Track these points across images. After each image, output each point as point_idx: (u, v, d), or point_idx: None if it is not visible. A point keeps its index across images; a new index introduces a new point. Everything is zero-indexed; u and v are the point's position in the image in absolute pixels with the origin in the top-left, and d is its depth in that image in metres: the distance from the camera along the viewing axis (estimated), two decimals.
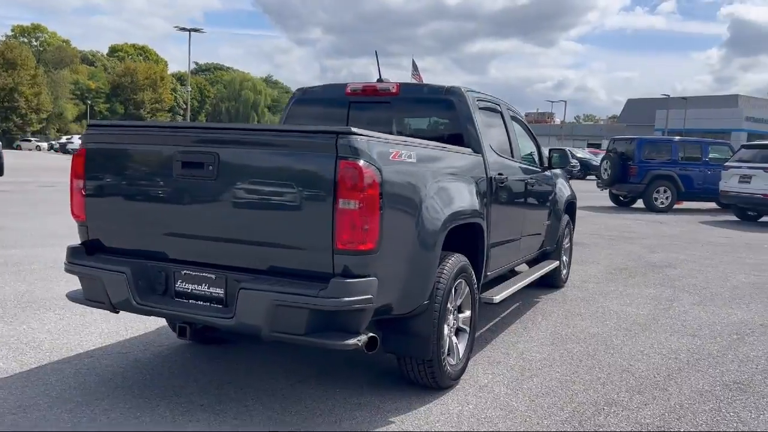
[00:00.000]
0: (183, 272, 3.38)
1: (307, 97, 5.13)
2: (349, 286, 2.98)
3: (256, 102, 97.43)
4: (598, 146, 55.91)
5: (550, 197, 6.29)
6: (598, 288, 7.15)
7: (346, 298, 2.97)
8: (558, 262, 6.65)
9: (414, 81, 8.72)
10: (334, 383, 3.95)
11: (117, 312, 3.60)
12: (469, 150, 4.36)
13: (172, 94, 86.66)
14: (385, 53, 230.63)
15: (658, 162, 16.75)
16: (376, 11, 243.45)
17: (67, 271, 3.65)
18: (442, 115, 4.69)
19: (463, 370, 4.05)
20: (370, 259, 3.05)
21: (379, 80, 5.00)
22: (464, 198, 3.97)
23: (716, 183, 15.86)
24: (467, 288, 4.03)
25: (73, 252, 3.63)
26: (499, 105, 5.26)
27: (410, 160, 3.43)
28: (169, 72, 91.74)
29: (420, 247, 3.45)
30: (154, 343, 4.63)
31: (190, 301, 3.38)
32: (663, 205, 16.72)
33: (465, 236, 4.08)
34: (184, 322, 3.36)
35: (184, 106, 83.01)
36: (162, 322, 5.02)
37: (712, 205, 17.94)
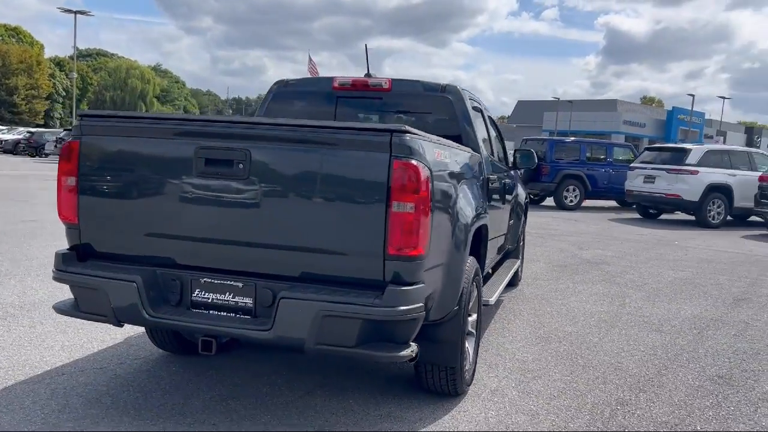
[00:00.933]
0: (202, 280, 3.07)
1: (288, 90, 4.85)
2: (405, 294, 2.80)
3: (144, 91, 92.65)
4: None
5: (516, 197, 6.34)
6: (550, 286, 7.30)
7: (403, 307, 2.79)
8: (519, 260, 6.73)
9: (309, 74, 8.44)
10: (343, 394, 3.75)
11: (121, 326, 3.22)
12: (471, 150, 4.27)
13: (50, 80, 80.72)
14: (278, 46, 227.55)
15: (567, 162, 17.52)
16: (271, 2, 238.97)
17: (57, 279, 3.23)
18: (439, 113, 4.56)
19: (473, 375, 3.97)
20: (420, 264, 2.89)
21: (367, 75, 4.80)
22: (478, 199, 3.88)
23: (620, 183, 16.80)
24: (476, 291, 3.95)
25: (64, 258, 3.20)
26: (480, 104, 5.22)
27: (447, 161, 3.29)
28: (46, 56, 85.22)
29: (455, 250, 3.32)
30: (129, 356, 4.22)
31: (211, 311, 3.07)
32: (572, 203, 17.50)
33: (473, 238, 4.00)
34: (208, 335, 3.03)
35: (64, 94, 77.78)
36: (130, 331, 4.61)
37: (612, 203, 19.00)
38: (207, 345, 3.02)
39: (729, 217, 14.93)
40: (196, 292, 3.08)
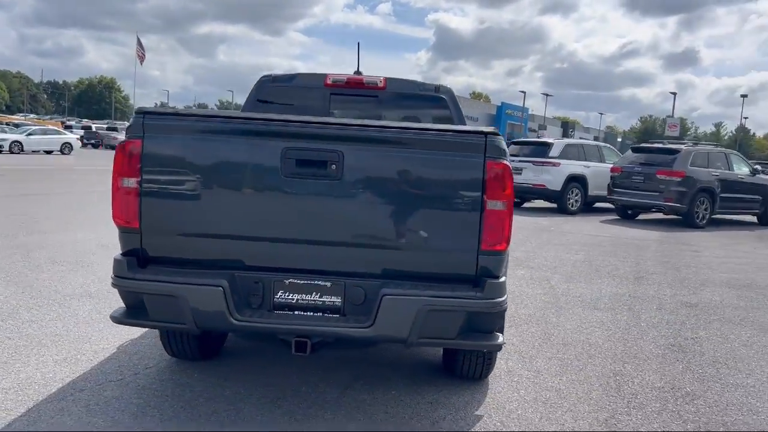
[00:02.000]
0: (287, 282, 3.04)
1: (277, 86, 4.79)
2: (501, 287, 3.01)
3: None
4: None
5: None
6: None
7: (500, 299, 2.99)
8: None
9: (138, 58, 8.26)
10: (381, 386, 3.86)
11: (199, 332, 3.09)
12: None
13: None
14: (97, 26, 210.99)
15: None
16: None
17: (120, 287, 3.03)
18: (434, 113, 4.76)
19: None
20: (504, 258, 3.10)
21: (357, 73, 4.88)
22: None
23: None
24: None
25: (128, 265, 3.01)
26: None
27: None
28: None
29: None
30: (138, 366, 3.98)
31: (296, 312, 3.06)
32: None
33: None
34: (302, 336, 3.00)
35: None
36: (117, 341, 4.34)
37: None
38: (301, 346, 3.00)
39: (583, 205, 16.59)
40: (279, 294, 3.05)
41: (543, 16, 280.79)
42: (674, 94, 66.49)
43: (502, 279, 3.04)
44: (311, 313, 3.05)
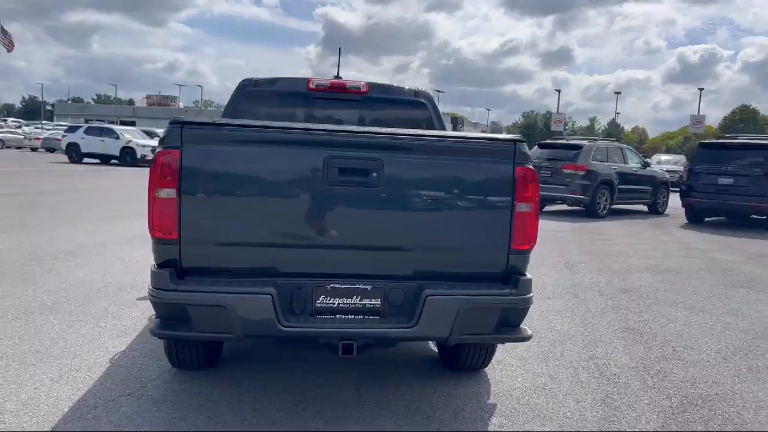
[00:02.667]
0: (328, 287, 3.12)
1: (259, 90, 4.77)
2: (530, 284, 3.23)
3: None
4: None
5: None
6: None
7: (530, 295, 3.22)
8: None
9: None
10: (391, 383, 4.00)
11: (242, 341, 3.09)
12: None
13: None
14: None
15: None
16: None
17: (165, 300, 2.98)
18: (415, 117, 4.92)
19: None
20: (529, 257, 3.33)
21: (337, 77, 4.96)
22: None
23: None
24: None
25: (170, 277, 2.97)
26: None
27: None
28: None
29: None
30: (141, 377, 3.89)
31: (337, 316, 3.15)
32: None
33: None
34: (347, 338, 3.09)
35: None
36: (106, 353, 4.22)
37: None
38: (348, 348, 3.10)
39: None
40: (321, 299, 3.13)
41: (429, 14, 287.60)
42: (558, 91, 69.96)
43: (529, 276, 3.27)
44: (352, 316, 3.14)
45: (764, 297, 7.12)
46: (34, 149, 41.10)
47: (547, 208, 17.12)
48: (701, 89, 55.24)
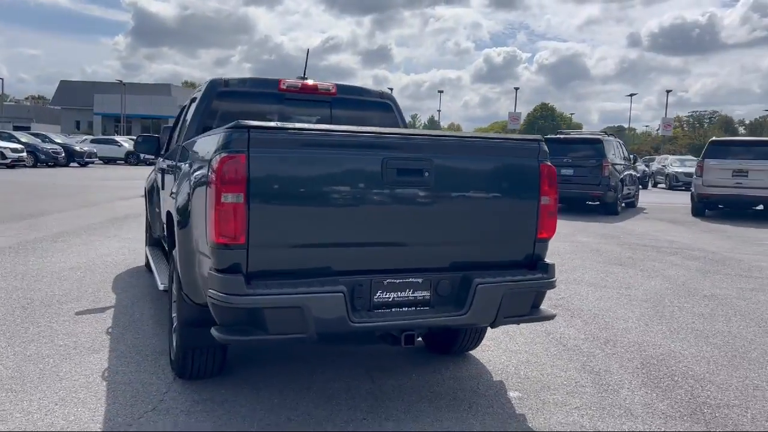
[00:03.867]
0: (385, 282, 3.27)
1: (230, 90, 4.69)
2: (554, 268, 3.62)
3: None
4: (27, 128, 51.49)
5: None
6: None
7: (555, 278, 3.61)
8: None
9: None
10: (397, 373, 4.20)
11: (315, 342, 3.12)
12: None
13: None
14: None
15: None
16: None
17: (238, 304, 2.94)
18: (381, 117, 5.10)
19: None
20: (548, 245, 3.72)
21: (302, 78, 5.01)
22: None
23: None
24: None
25: (245, 281, 2.95)
26: None
27: None
28: None
29: None
30: (152, 393, 3.73)
31: (393, 309, 3.31)
32: None
33: None
34: (409, 329, 3.26)
35: None
36: (91, 368, 3.98)
37: None
38: (410, 338, 3.28)
39: None
40: (378, 294, 3.26)
41: (248, 7, 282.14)
42: (391, 89, 72.57)
43: (552, 261, 3.66)
44: (405, 309, 3.32)
45: (639, 272, 8.22)
46: None
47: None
48: (517, 88, 60.15)
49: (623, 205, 17.22)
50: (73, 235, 9.50)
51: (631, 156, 19.39)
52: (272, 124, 3.11)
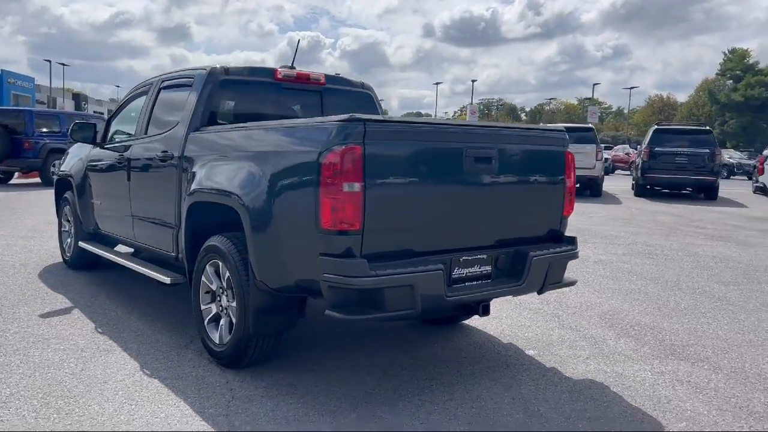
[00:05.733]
0: (461, 259, 3.63)
1: (232, 78, 4.65)
2: (577, 241, 4.21)
3: None
4: None
5: None
6: None
7: (579, 249, 4.21)
8: None
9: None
10: (422, 343, 4.57)
11: (418, 317, 3.39)
12: None
13: None
14: None
15: (50, 135, 16.37)
16: None
17: (362, 286, 3.13)
18: (363, 106, 5.32)
19: None
20: (567, 221, 4.29)
21: (291, 67, 5.08)
22: None
23: None
24: None
25: (368, 263, 3.15)
26: None
27: None
28: None
29: None
30: (220, 382, 3.73)
31: (466, 284, 3.68)
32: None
33: None
34: (484, 301, 3.65)
35: None
36: (118, 370, 3.88)
37: None
38: (486, 309, 3.72)
39: None
40: (455, 270, 3.62)
41: None
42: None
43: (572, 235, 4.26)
44: (474, 282, 3.71)
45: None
46: None
47: None
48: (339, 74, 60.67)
49: None
50: None
51: None
52: (383, 117, 3.30)
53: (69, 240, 6.74)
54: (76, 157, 6.57)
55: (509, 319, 5.25)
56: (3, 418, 3.21)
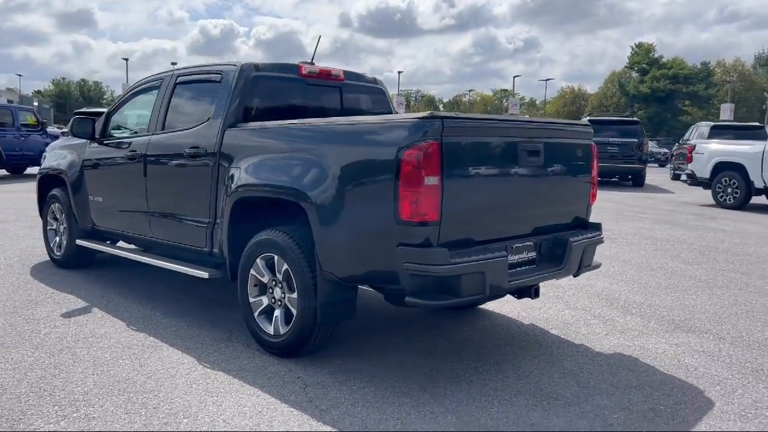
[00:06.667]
0: (514, 246, 3.90)
1: (262, 74, 4.71)
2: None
3: None
4: None
5: None
6: None
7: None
8: None
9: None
10: (450, 328, 4.83)
11: (485, 300, 3.63)
12: None
13: None
14: None
15: None
16: None
17: (444, 274, 3.35)
18: (377, 101, 5.49)
19: None
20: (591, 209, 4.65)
21: (311, 63, 5.19)
22: None
23: (32, 149, 16.27)
24: None
25: (449, 252, 3.36)
26: None
27: None
28: None
29: None
30: (287, 377, 3.85)
31: (516, 269, 3.95)
32: None
33: None
34: (534, 285, 3.95)
35: None
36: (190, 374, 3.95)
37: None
38: (537, 291, 4.02)
39: None
40: (509, 257, 3.88)
41: None
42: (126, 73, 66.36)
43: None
44: (523, 267, 3.99)
45: None
46: None
47: None
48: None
49: None
50: None
51: None
52: (456, 114, 3.51)
53: (57, 238, 6.56)
54: (67, 152, 6.39)
55: (518, 302, 5.56)
56: (92, 414, 3.23)
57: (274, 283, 4.11)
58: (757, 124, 23.22)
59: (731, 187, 13.92)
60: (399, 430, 3.15)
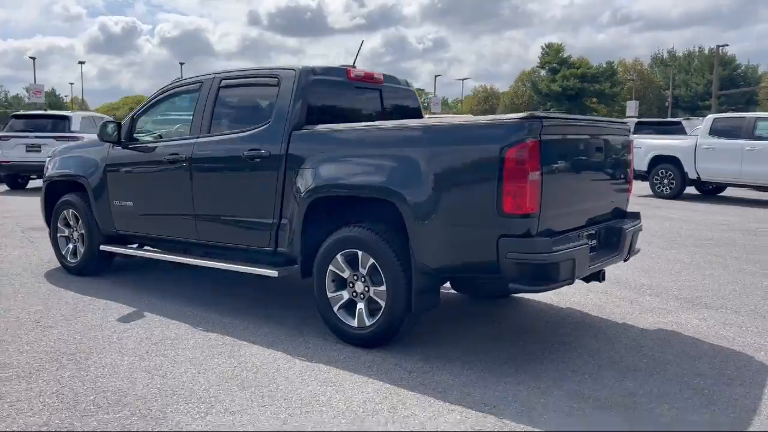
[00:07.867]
0: (584, 234, 4.27)
1: (318, 78, 4.86)
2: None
3: None
4: None
5: None
6: None
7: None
8: None
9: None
10: (489, 315, 5.16)
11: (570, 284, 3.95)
12: None
13: None
14: None
15: None
16: None
17: (548, 261, 3.66)
18: (409, 103, 5.73)
19: None
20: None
21: (352, 66, 5.38)
22: None
23: None
24: None
25: (552, 241, 3.69)
26: None
27: None
28: None
29: None
30: (386, 367, 4.05)
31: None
32: None
33: None
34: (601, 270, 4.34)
35: None
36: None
37: None
38: (604, 276, 4.44)
39: None
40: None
41: None
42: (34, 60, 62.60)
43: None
44: (592, 254, 4.35)
45: None
46: None
47: None
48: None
49: None
50: None
51: None
52: (551, 114, 3.84)
53: (71, 245, 6.40)
54: (84, 157, 6.24)
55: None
56: (231, 408, 3.33)
57: (355, 277, 4.29)
58: (676, 119, 25.19)
59: (667, 178, 15.00)
60: (519, 407, 3.43)
